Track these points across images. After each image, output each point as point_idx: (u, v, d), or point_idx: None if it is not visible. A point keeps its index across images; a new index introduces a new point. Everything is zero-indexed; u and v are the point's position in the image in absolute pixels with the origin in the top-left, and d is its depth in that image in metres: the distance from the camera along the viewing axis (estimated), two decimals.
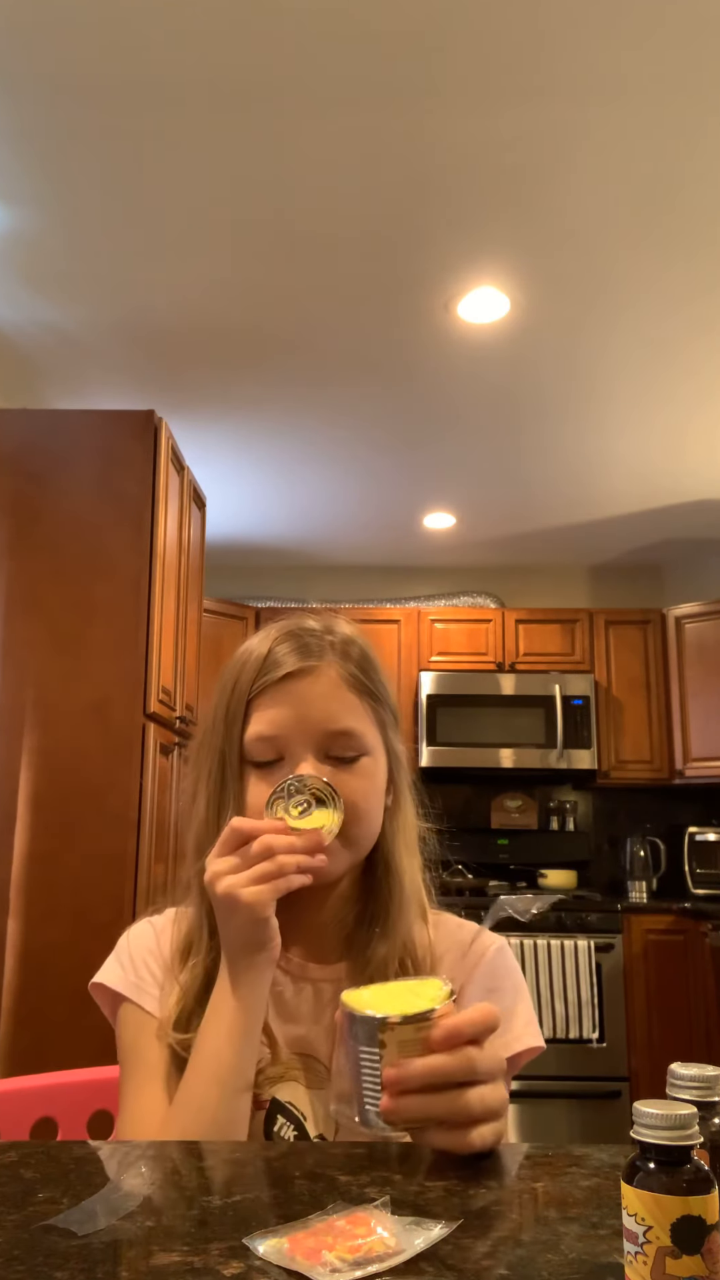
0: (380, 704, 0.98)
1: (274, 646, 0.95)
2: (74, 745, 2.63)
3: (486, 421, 3.47)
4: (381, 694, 0.98)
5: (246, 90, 1.99)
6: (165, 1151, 0.76)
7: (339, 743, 0.93)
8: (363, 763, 0.94)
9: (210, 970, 0.91)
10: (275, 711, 0.93)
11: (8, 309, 2.77)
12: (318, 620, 1.00)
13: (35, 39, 1.86)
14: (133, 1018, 0.95)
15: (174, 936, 0.99)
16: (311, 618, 1.00)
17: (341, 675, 0.95)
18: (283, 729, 0.92)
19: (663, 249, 2.47)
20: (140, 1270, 0.53)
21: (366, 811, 0.94)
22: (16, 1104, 1.12)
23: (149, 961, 0.98)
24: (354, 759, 0.94)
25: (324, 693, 0.93)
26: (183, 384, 3.23)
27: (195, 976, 0.93)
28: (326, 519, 4.50)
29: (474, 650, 4.71)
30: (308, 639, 0.96)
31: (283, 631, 0.98)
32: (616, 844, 4.81)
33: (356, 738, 0.94)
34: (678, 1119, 0.50)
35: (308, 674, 0.94)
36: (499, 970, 0.99)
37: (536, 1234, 0.59)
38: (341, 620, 1.02)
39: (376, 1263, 0.53)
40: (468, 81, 1.95)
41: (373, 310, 2.78)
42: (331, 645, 0.96)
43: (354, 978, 0.94)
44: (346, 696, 0.94)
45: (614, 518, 4.42)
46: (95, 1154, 0.75)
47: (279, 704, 0.93)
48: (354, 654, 0.97)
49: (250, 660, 0.96)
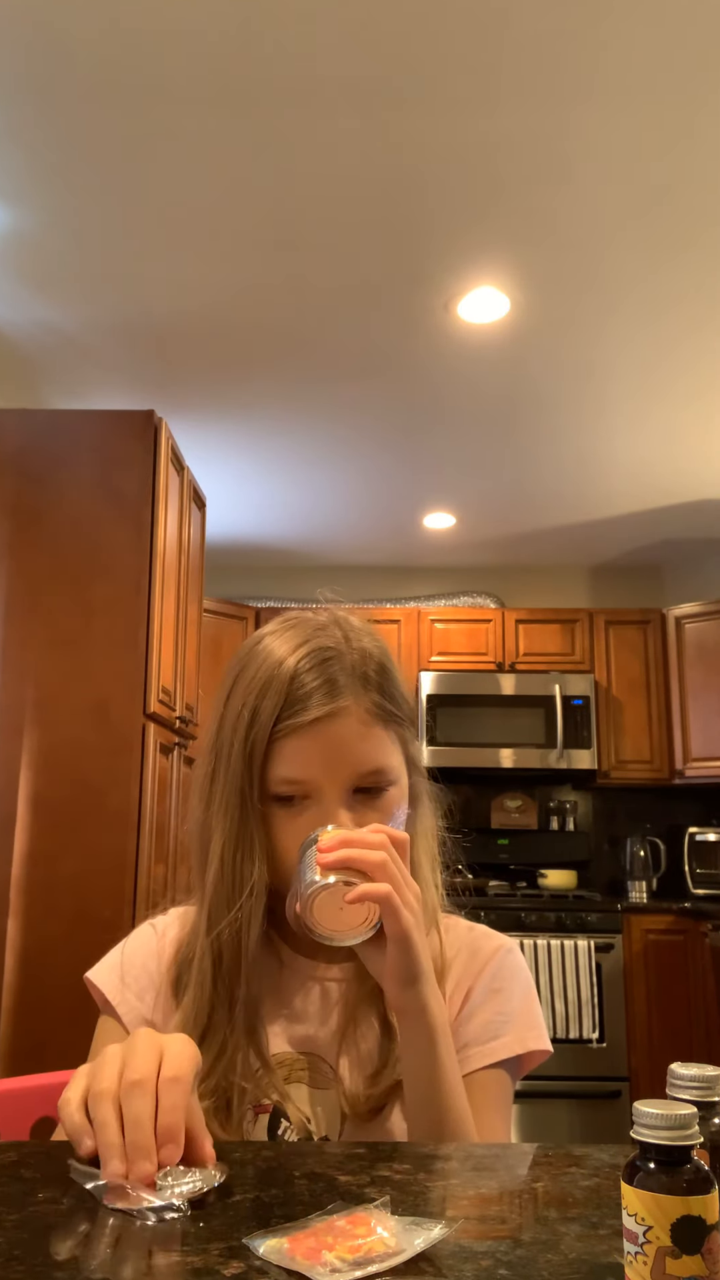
0: (403, 723, 0.95)
1: (298, 674, 0.90)
2: (74, 745, 2.63)
3: (486, 421, 3.47)
4: (403, 711, 0.95)
5: (246, 90, 1.99)
6: None
7: (368, 780, 0.91)
8: (389, 794, 0.92)
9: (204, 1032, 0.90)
10: (303, 757, 0.89)
11: (8, 309, 2.77)
12: (335, 630, 0.95)
13: (35, 39, 1.86)
14: (109, 1030, 0.95)
15: (177, 937, 0.99)
16: (326, 631, 0.95)
17: (368, 709, 0.91)
18: (312, 773, 0.89)
19: (663, 249, 2.48)
20: (140, 1270, 0.53)
21: None
22: (16, 1104, 1.12)
23: (147, 964, 0.98)
24: (380, 791, 0.91)
25: (353, 734, 0.89)
26: (183, 384, 3.23)
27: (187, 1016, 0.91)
28: (326, 519, 4.50)
29: (474, 650, 4.71)
30: (333, 669, 0.91)
31: (306, 651, 0.91)
32: (616, 844, 4.81)
33: (384, 773, 0.91)
34: (678, 1119, 0.50)
35: (335, 716, 0.89)
36: (505, 971, 0.98)
37: (536, 1234, 0.59)
38: (356, 624, 0.98)
39: (376, 1263, 0.53)
40: (467, 82, 1.95)
41: (373, 310, 2.78)
42: (354, 670, 0.92)
43: (363, 978, 0.93)
44: (374, 733, 0.91)
45: (614, 518, 4.42)
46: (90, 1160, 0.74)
47: (306, 747, 0.89)
48: (373, 676, 0.93)
49: (273, 685, 0.90)
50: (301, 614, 0.98)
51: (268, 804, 0.91)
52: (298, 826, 0.89)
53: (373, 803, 0.91)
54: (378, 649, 0.96)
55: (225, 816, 0.92)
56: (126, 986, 0.97)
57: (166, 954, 0.98)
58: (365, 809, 0.90)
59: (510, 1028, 0.94)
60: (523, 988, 0.98)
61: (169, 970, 0.97)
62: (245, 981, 0.90)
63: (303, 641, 0.93)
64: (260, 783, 0.90)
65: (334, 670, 0.91)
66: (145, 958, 0.99)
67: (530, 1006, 0.97)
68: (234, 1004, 0.90)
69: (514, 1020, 0.95)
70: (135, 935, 1.02)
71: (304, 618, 0.97)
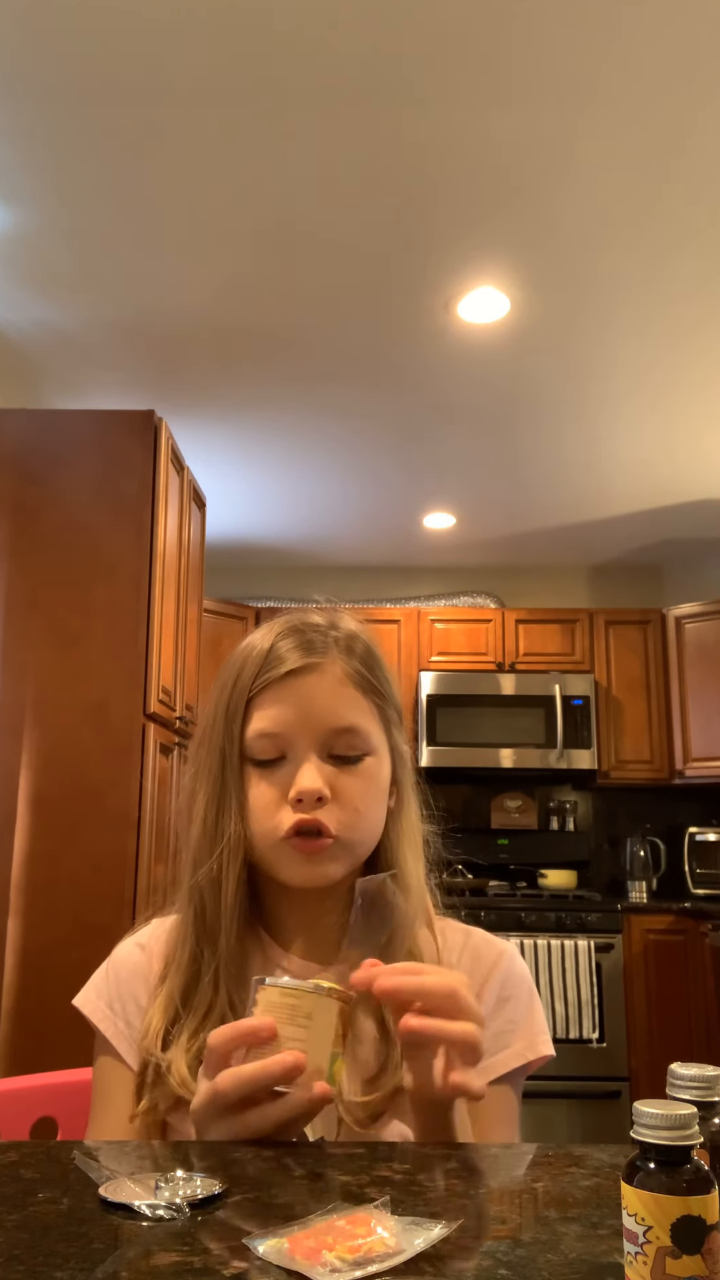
0: (385, 702, 0.96)
1: (277, 642, 0.93)
2: (74, 745, 2.63)
3: (486, 421, 3.46)
4: (386, 691, 0.96)
5: (246, 90, 1.98)
6: (165, 1151, 0.76)
7: (342, 741, 0.91)
8: (366, 763, 0.92)
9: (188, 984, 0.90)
10: (277, 709, 0.90)
11: (8, 309, 2.77)
12: (322, 615, 0.97)
13: (35, 39, 1.86)
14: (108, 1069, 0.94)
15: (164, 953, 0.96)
16: (316, 613, 0.98)
17: (346, 671, 0.92)
18: (285, 726, 0.90)
19: (663, 249, 2.47)
20: (140, 1270, 0.53)
21: (367, 814, 0.92)
22: (16, 1104, 1.11)
23: (136, 991, 0.95)
24: (357, 759, 0.91)
25: (328, 689, 0.91)
26: (183, 384, 3.23)
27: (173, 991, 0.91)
28: (326, 519, 4.50)
29: (474, 650, 4.71)
30: (311, 635, 0.94)
31: (286, 627, 0.95)
32: (616, 844, 4.81)
33: (360, 736, 0.91)
34: (678, 1119, 0.50)
35: (311, 671, 0.91)
36: (512, 978, 0.97)
37: (536, 1234, 0.59)
38: (346, 615, 0.99)
39: (376, 1263, 0.53)
40: (468, 83, 1.95)
41: (373, 310, 2.78)
42: (335, 641, 0.94)
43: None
44: (350, 693, 0.92)
45: (614, 518, 4.42)
46: (95, 1154, 0.75)
47: (281, 701, 0.91)
48: (358, 650, 0.95)
49: (252, 655, 0.93)
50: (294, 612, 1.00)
51: (246, 766, 0.92)
52: (271, 784, 0.90)
53: (350, 770, 0.91)
54: (366, 637, 0.98)
55: (207, 777, 0.94)
56: (112, 1006, 0.95)
57: (155, 970, 0.96)
58: (342, 775, 0.90)
59: (517, 1035, 0.94)
60: (528, 993, 0.98)
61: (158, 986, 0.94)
62: (225, 933, 0.90)
63: (287, 621, 0.96)
64: (239, 743, 0.92)
65: (314, 637, 0.94)
66: (134, 984, 0.96)
67: (535, 1011, 0.97)
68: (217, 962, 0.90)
69: (520, 1027, 0.94)
70: (121, 955, 0.99)
71: (293, 610, 1.00)
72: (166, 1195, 0.62)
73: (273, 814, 0.90)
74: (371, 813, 0.93)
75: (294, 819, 0.88)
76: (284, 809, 0.89)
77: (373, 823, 0.93)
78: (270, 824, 0.90)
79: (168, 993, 0.91)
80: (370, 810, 0.92)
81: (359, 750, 0.92)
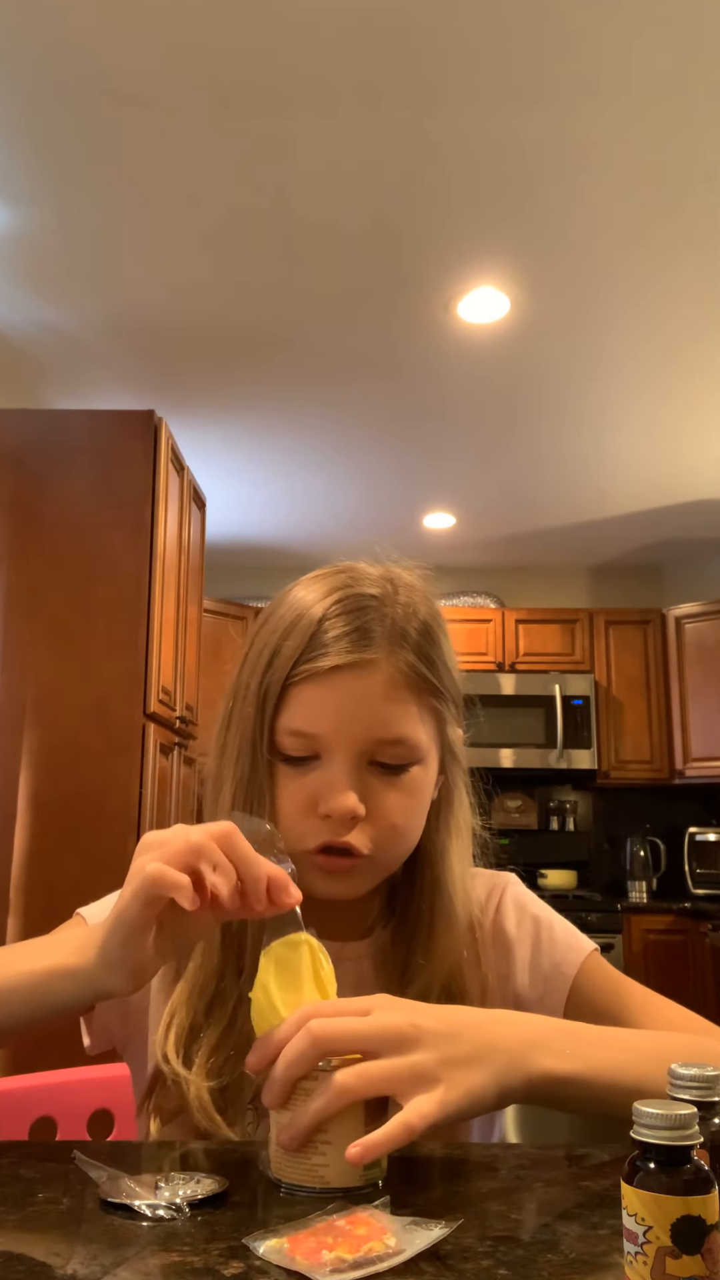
0: (441, 699, 0.84)
1: (327, 617, 0.80)
2: (74, 745, 2.63)
3: (486, 421, 3.46)
4: (444, 684, 0.84)
5: (247, 90, 1.98)
6: (165, 1151, 0.76)
7: (387, 751, 0.80)
8: (411, 774, 0.81)
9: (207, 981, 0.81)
10: (315, 708, 0.79)
11: (8, 309, 2.77)
12: (378, 580, 0.84)
13: (34, 39, 1.85)
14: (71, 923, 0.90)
15: None
16: (370, 577, 0.85)
17: (400, 670, 0.80)
18: (322, 728, 0.79)
19: (662, 249, 2.47)
20: (140, 1270, 0.53)
21: (406, 830, 0.82)
22: (16, 1104, 1.12)
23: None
24: (401, 768, 0.81)
25: (377, 693, 0.79)
26: (183, 384, 3.23)
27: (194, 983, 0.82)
28: (327, 519, 4.50)
29: (474, 650, 4.71)
30: (366, 618, 0.80)
31: (339, 596, 0.82)
32: (616, 844, 4.81)
33: (407, 746, 0.80)
34: (678, 1119, 0.50)
35: (359, 668, 0.78)
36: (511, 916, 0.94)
37: (536, 1234, 0.59)
38: (405, 575, 0.87)
39: (376, 1263, 0.53)
40: (468, 83, 1.95)
41: (373, 310, 2.78)
42: (392, 625, 0.81)
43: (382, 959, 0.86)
44: (402, 696, 0.80)
45: (614, 518, 4.42)
46: (95, 1154, 0.74)
47: (321, 701, 0.79)
48: (415, 634, 0.82)
49: (298, 626, 0.80)
50: (353, 562, 0.88)
51: (275, 763, 0.81)
52: (300, 787, 0.80)
53: (392, 781, 0.80)
54: (428, 609, 0.85)
55: (235, 766, 0.83)
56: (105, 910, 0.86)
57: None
58: (383, 787, 0.80)
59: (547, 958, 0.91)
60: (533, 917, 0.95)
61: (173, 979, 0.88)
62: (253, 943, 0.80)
63: (341, 585, 0.83)
64: (270, 733, 0.81)
65: (369, 619, 0.81)
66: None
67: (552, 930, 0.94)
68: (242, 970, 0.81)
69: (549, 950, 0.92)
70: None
71: (352, 565, 0.88)
72: (166, 1195, 0.62)
73: (299, 822, 0.80)
74: (410, 828, 0.83)
75: (322, 837, 0.79)
76: (312, 819, 0.80)
77: (410, 838, 0.84)
78: (295, 832, 0.80)
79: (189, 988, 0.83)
80: (410, 825, 0.83)
81: (404, 760, 0.81)
